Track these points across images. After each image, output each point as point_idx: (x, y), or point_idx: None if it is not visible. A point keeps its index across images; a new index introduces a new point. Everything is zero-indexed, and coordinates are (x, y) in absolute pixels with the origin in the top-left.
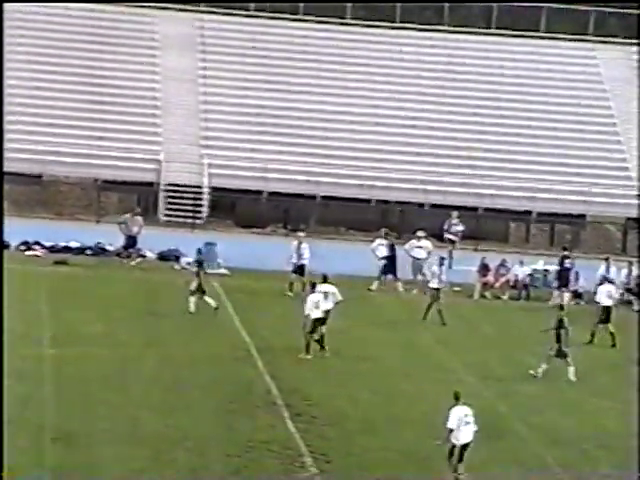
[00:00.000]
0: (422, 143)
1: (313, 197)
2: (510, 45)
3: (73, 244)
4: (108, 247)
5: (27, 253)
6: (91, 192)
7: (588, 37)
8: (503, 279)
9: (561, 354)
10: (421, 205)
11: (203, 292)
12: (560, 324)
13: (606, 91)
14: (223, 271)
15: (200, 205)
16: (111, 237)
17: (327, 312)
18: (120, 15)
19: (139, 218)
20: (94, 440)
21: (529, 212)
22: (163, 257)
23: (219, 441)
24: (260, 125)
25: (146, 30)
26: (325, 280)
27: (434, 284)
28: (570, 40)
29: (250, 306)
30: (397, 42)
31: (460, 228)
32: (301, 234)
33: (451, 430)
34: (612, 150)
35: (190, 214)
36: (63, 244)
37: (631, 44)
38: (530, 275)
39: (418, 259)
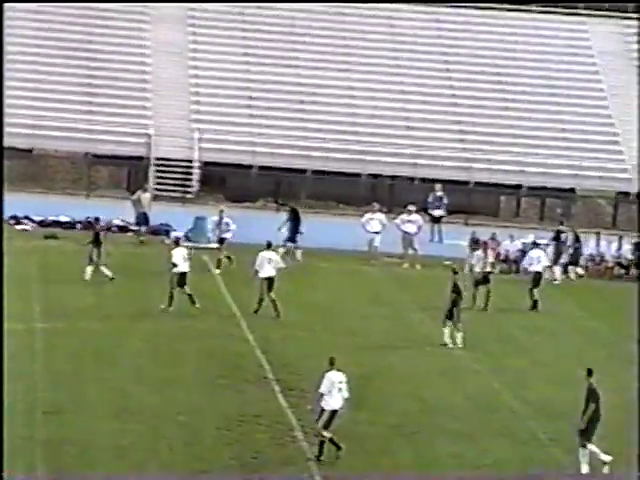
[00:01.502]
0: (412, 117)
1: (303, 171)
2: (501, 19)
3: (63, 218)
4: None
5: (17, 227)
6: (81, 166)
7: (579, 10)
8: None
9: (452, 317)
10: (411, 179)
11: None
12: (455, 288)
13: (597, 65)
14: (213, 245)
15: (190, 179)
16: (101, 211)
17: (272, 278)
18: None
19: (147, 195)
20: (85, 414)
21: (519, 186)
22: (153, 232)
23: (210, 415)
24: (250, 99)
25: (136, 4)
26: (269, 247)
27: (537, 268)
28: (561, 14)
29: (241, 281)
30: (389, 16)
31: (445, 200)
32: (223, 207)
33: (322, 394)
34: (603, 124)
35: (180, 188)
36: (53, 218)
37: (622, 18)
38: (521, 250)
39: (409, 233)
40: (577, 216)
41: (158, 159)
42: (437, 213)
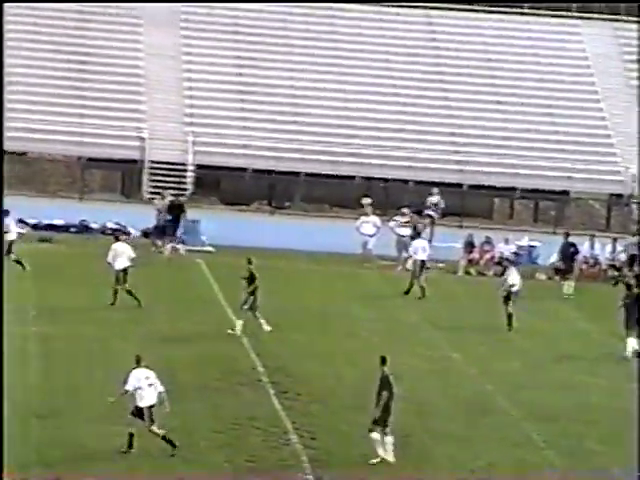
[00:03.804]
0: (406, 119)
1: (297, 174)
2: (493, 21)
3: (57, 222)
4: (92, 225)
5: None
6: (75, 170)
7: (572, 13)
8: (487, 256)
9: (253, 308)
10: (405, 182)
11: None
12: (250, 276)
13: (590, 67)
14: (207, 248)
15: (184, 182)
16: (95, 214)
17: (125, 270)
18: None
19: (165, 201)
20: (79, 417)
21: (513, 188)
22: (147, 235)
23: (204, 418)
24: (244, 102)
25: (130, 7)
26: (117, 239)
27: (422, 257)
28: (553, 16)
29: (235, 283)
30: (380, 18)
31: (441, 205)
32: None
33: (127, 391)
34: (596, 126)
35: (175, 191)
36: (47, 222)
37: (615, 20)
38: (515, 253)
39: (402, 236)
40: (571, 218)
41: (152, 162)
42: (430, 214)
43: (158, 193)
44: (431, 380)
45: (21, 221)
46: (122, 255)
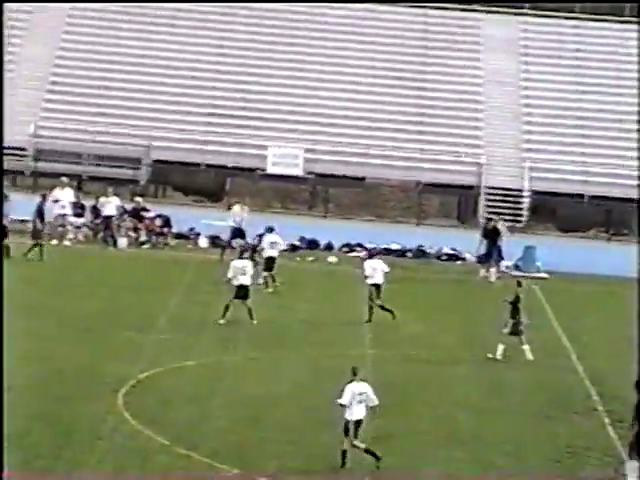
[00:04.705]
0: None
1: (637, 201)
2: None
3: (394, 246)
4: (428, 250)
5: (349, 255)
6: (412, 195)
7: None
8: None
9: (516, 331)
10: None
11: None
12: (516, 300)
13: None
14: (543, 275)
15: (520, 208)
16: (431, 240)
17: (378, 285)
18: (445, 19)
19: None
20: (413, 440)
21: None
22: (480, 261)
23: (538, 445)
24: (581, 128)
25: (470, 33)
26: (372, 256)
27: None
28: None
29: (570, 311)
30: None
31: None
32: None
33: (342, 405)
34: None
35: (510, 217)
36: (384, 246)
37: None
38: None
39: None
40: None
41: (488, 188)
42: None
43: (491, 219)
44: None
45: (359, 245)
46: (377, 271)
